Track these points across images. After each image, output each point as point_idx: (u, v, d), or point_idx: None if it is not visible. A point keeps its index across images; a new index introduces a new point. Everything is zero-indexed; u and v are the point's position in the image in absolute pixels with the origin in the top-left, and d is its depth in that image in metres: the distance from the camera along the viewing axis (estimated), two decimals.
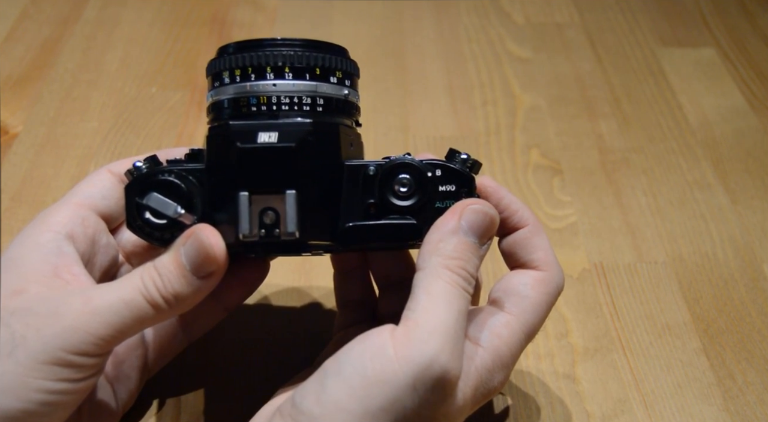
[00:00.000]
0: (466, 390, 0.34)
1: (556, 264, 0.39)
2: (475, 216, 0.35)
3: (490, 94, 0.69)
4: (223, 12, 0.77)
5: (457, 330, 0.33)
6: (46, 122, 0.63)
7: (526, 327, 0.37)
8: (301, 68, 0.37)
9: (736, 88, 0.70)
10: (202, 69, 0.39)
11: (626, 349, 0.48)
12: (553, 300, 0.38)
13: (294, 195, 0.35)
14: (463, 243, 0.35)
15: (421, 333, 0.32)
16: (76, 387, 0.34)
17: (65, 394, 0.34)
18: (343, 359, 0.32)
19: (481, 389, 0.35)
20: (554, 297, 0.38)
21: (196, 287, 0.35)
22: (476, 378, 0.34)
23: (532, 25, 0.78)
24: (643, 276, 0.53)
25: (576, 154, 0.63)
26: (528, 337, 0.37)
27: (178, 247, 0.35)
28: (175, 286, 0.34)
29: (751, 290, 0.52)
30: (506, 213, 0.39)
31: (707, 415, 0.45)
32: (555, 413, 0.45)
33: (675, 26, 0.78)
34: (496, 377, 0.35)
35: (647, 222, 0.57)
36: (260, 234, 0.35)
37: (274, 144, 0.35)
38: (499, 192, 0.39)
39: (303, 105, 0.37)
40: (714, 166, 0.62)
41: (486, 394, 0.35)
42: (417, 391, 0.32)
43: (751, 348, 0.49)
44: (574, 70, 0.72)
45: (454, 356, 0.33)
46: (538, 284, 0.38)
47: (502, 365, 0.36)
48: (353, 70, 0.39)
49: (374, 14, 0.78)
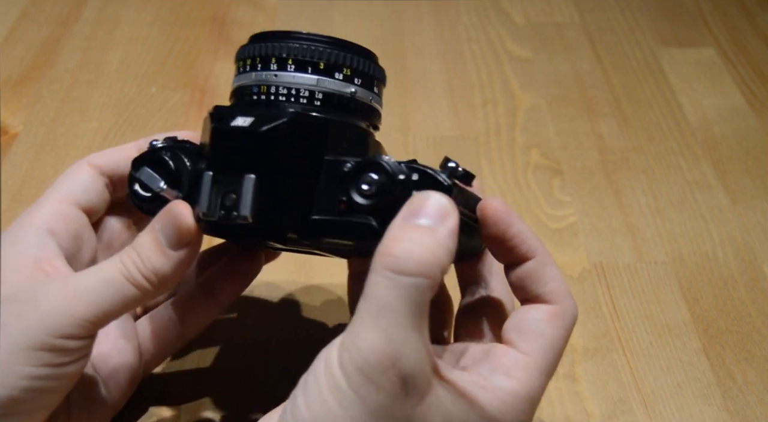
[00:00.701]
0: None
1: (568, 295, 0.36)
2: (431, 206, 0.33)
3: (490, 94, 0.69)
4: (223, 12, 0.77)
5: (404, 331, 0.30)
6: (46, 122, 0.63)
7: (545, 366, 0.35)
8: (303, 61, 0.37)
9: (736, 88, 0.70)
10: (202, 69, 0.39)
11: (626, 349, 0.48)
12: (569, 334, 0.36)
13: (253, 179, 0.34)
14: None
15: (357, 330, 0.30)
16: (62, 372, 0.34)
17: (51, 380, 0.34)
18: (308, 374, 0.32)
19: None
20: (570, 331, 0.36)
21: (173, 261, 0.35)
22: (474, 409, 0.32)
23: (532, 25, 0.78)
24: (643, 276, 0.53)
25: (576, 154, 0.63)
26: (548, 376, 0.35)
27: (154, 224, 0.35)
28: (153, 262, 0.34)
29: (751, 290, 0.52)
30: (514, 243, 0.37)
31: (707, 415, 0.45)
32: (555, 413, 0.45)
33: (675, 26, 0.78)
34: (506, 417, 0.33)
35: (647, 222, 0.57)
36: (219, 215, 0.35)
37: (244, 128, 0.35)
38: (508, 218, 0.37)
39: (300, 97, 0.37)
40: (714, 166, 0.62)
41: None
42: (365, 400, 0.30)
43: (751, 348, 0.49)
44: (574, 70, 0.72)
45: (408, 349, 0.30)
46: (553, 319, 0.35)
47: (514, 407, 0.33)
48: (370, 70, 0.38)
49: (374, 14, 0.78)
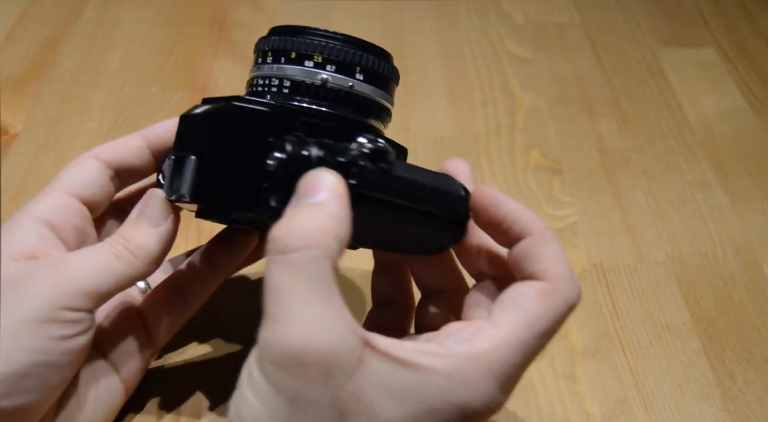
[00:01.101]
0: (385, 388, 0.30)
1: (566, 277, 0.34)
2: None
3: (490, 94, 0.69)
4: (223, 12, 0.77)
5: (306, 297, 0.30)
6: (46, 122, 0.63)
7: (517, 341, 0.32)
8: (278, 52, 0.37)
9: (736, 88, 0.70)
10: (202, 69, 0.39)
11: (626, 349, 0.48)
12: (558, 315, 0.33)
13: (193, 160, 0.35)
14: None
15: (265, 324, 0.30)
16: (65, 347, 0.34)
17: (54, 354, 0.34)
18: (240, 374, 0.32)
19: (437, 392, 0.31)
20: (561, 312, 0.34)
21: (155, 236, 0.37)
22: (423, 380, 0.31)
23: (532, 25, 0.78)
24: (643, 276, 0.53)
25: (576, 154, 0.63)
26: (523, 354, 0.33)
27: (133, 212, 0.38)
28: (137, 239, 0.36)
29: (751, 290, 0.52)
30: (506, 224, 0.35)
31: (707, 415, 0.45)
32: (555, 413, 0.45)
33: (675, 26, 0.78)
34: (467, 387, 0.31)
35: (647, 222, 0.57)
36: (172, 196, 0.36)
37: (194, 113, 0.36)
38: (496, 199, 0.35)
39: (272, 87, 0.37)
40: (714, 166, 0.62)
41: (456, 403, 0.31)
42: (282, 391, 0.29)
43: (751, 348, 0.49)
44: (574, 70, 0.72)
45: (317, 327, 0.29)
46: (540, 296, 0.33)
47: (476, 377, 0.31)
48: (343, 56, 0.37)
49: (374, 14, 0.78)
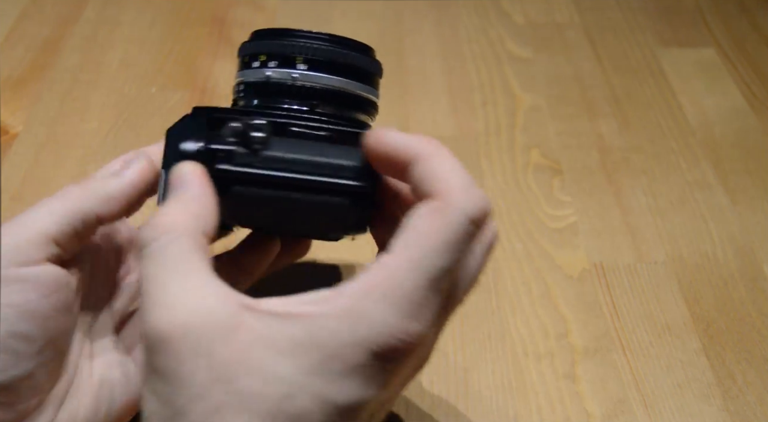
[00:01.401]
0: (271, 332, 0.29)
1: (460, 187, 0.31)
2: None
3: (490, 94, 0.69)
4: (223, 12, 0.77)
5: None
6: (46, 122, 0.63)
7: (412, 263, 0.29)
8: (241, 59, 0.39)
9: (736, 88, 0.70)
10: (202, 69, 0.39)
11: (626, 349, 0.48)
12: (456, 228, 0.30)
13: (164, 173, 0.35)
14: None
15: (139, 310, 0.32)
16: (30, 310, 0.33)
17: (19, 321, 0.33)
18: None
19: (329, 337, 0.28)
20: (457, 224, 0.30)
21: (123, 181, 0.36)
22: (314, 327, 0.29)
23: (532, 25, 0.78)
24: (643, 276, 0.53)
25: (576, 154, 0.63)
26: (426, 275, 0.29)
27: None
28: (105, 184, 0.36)
29: (751, 290, 0.52)
30: (398, 158, 0.33)
31: (707, 415, 0.45)
32: (555, 413, 0.45)
33: (675, 26, 0.78)
34: (362, 324, 0.29)
35: (647, 222, 0.57)
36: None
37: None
38: (382, 137, 0.34)
39: (239, 93, 0.38)
40: (714, 166, 0.62)
41: (355, 343, 0.28)
42: (155, 364, 0.29)
43: (751, 348, 0.49)
44: (574, 70, 0.72)
45: (180, 301, 0.29)
46: (431, 213, 0.31)
47: (371, 309, 0.29)
48: (282, 50, 0.37)
49: (374, 14, 0.78)
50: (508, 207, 0.58)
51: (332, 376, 0.28)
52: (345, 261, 0.52)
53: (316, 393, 0.28)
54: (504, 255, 0.54)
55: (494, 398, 0.45)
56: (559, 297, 0.51)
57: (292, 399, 0.28)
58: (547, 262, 0.54)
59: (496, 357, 0.48)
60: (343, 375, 0.28)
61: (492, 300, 0.51)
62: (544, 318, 0.50)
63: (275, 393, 0.28)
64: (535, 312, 0.50)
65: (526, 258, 0.54)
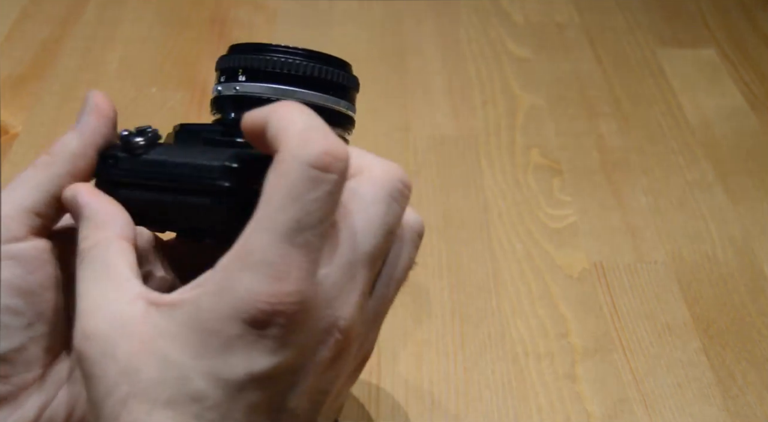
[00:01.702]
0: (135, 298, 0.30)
1: (296, 133, 0.29)
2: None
3: (490, 94, 0.69)
4: (223, 12, 0.77)
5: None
6: (46, 122, 0.63)
7: (263, 223, 0.28)
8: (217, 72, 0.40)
9: (736, 88, 0.70)
10: (202, 69, 0.40)
11: (626, 349, 0.48)
12: (291, 176, 0.28)
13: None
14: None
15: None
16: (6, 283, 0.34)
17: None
18: None
19: (202, 312, 0.28)
20: (292, 173, 0.28)
21: (78, 137, 0.37)
22: (190, 306, 0.29)
23: (532, 25, 0.78)
24: (643, 276, 0.53)
25: (576, 154, 0.63)
26: (279, 231, 0.28)
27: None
28: (64, 147, 0.37)
29: (751, 290, 0.52)
30: (255, 132, 0.31)
31: (707, 415, 0.45)
32: (555, 413, 0.45)
33: (675, 26, 0.78)
34: (225, 295, 0.28)
35: (647, 222, 0.57)
36: None
37: None
38: (244, 116, 0.32)
39: (213, 104, 0.40)
40: (714, 166, 0.62)
41: (223, 314, 0.28)
42: (84, 372, 0.30)
43: (751, 348, 0.49)
44: (574, 70, 0.72)
45: (83, 321, 0.30)
46: (272, 169, 0.29)
47: (228, 277, 0.28)
48: (226, 64, 0.39)
49: (374, 14, 0.78)
50: (508, 207, 0.58)
51: (215, 352, 0.28)
52: None
53: (206, 372, 0.28)
54: (504, 255, 0.54)
55: (494, 398, 0.45)
56: (559, 297, 0.51)
57: (187, 382, 0.28)
58: (547, 262, 0.54)
59: (496, 357, 0.48)
60: (223, 349, 0.28)
61: (492, 300, 0.51)
62: (544, 318, 0.50)
63: (172, 379, 0.28)
64: (535, 312, 0.50)
65: (526, 258, 0.54)
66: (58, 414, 0.36)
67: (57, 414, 0.36)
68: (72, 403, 0.36)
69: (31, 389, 0.35)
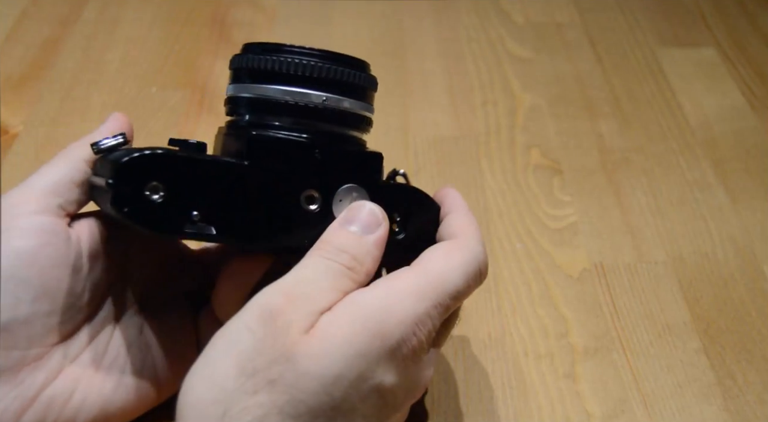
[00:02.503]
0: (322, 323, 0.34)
1: (469, 235, 0.39)
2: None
3: (490, 94, 0.69)
4: (223, 12, 0.77)
5: (304, 286, 0.34)
6: (46, 122, 0.63)
7: (414, 286, 0.35)
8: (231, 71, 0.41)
9: (736, 88, 0.70)
10: (202, 69, 0.40)
11: (626, 349, 0.48)
12: (468, 259, 0.37)
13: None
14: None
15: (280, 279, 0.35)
16: (30, 258, 0.36)
17: (20, 266, 0.35)
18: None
19: (374, 323, 0.34)
20: (470, 257, 0.37)
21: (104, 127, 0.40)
22: (363, 313, 0.34)
23: (532, 25, 0.78)
24: (643, 276, 0.53)
25: (576, 154, 0.63)
26: (439, 286, 0.36)
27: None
28: (89, 139, 0.39)
29: (751, 290, 0.52)
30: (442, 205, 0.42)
31: (707, 415, 0.45)
32: (555, 413, 0.45)
33: (675, 26, 0.78)
34: (396, 312, 0.34)
35: (647, 222, 0.57)
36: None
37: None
38: (443, 191, 0.42)
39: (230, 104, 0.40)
40: (714, 166, 0.62)
41: (392, 327, 0.34)
42: (252, 330, 0.33)
43: (751, 348, 0.49)
44: (574, 70, 0.72)
45: (284, 293, 0.33)
46: (450, 244, 0.38)
47: (399, 301, 0.35)
48: (235, 63, 0.39)
49: (374, 14, 0.78)
50: (508, 207, 0.58)
51: (374, 359, 0.33)
52: None
53: (360, 375, 0.33)
54: (504, 255, 0.54)
55: (494, 398, 0.45)
56: (559, 297, 0.51)
57: (339, 381, 0.32)
58: (547, 262, 0.54)
59: (496, 357, 0.48)
60: (382, 359, 0.33)
61: (492, 300, 0.51)
62: (544, 318, 0.50)
63: (328, 376, 0.32)
64: (535, 312, 0.50)
65: (526, 258, 0.54)
66: (58, 396, 0.37)
67: (57, 395, 0.37)
68: (72, 386, 0.37)
69: (32, 367, 0.36)
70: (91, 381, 0.38)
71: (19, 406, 0.35)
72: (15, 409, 0.35)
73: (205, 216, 0.36)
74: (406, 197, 0.40)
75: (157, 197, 0.35)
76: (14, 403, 0.35)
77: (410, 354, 0.34)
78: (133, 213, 0.35)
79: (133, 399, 0.39)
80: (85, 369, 0.38)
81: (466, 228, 0.39)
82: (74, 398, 0.37)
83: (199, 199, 0.35)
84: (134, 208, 0.35)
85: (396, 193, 0.40)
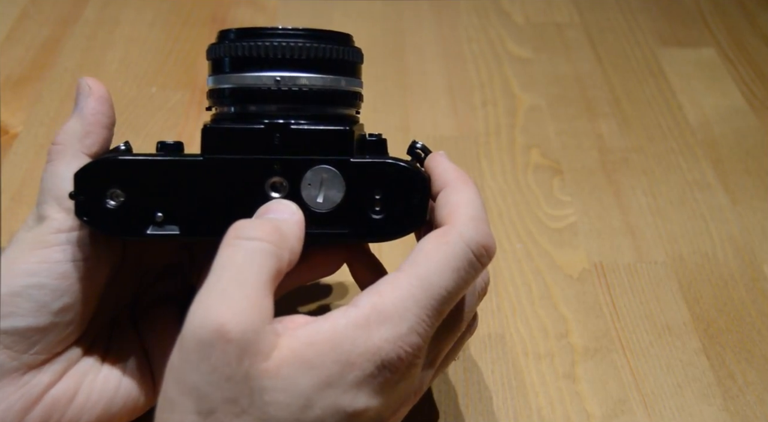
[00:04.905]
0: (305, 348, 0.31)
1: (465, 217, 0.35)
2: None
3: (490, 94, 0.69)
4: (223, 12, 0.77)
5: (242, 284, 0.31)
6: (46, 122, 0.63)
7: (417, 280, 0.32)
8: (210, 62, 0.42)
9: (736, 88, 0.70)
10: (202, 69, 0.40)
11: (626, 349, 0.48)
12: (456, 252, 0.33)
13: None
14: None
15: (199, 295, 0.31)
16: (58, 271, 0.36)
17: (47, 277, 0.36)
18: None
19: (348, 346, 0.31)
20: (458, 248, 0.33)
21: (78, 116, 0.38)
22: (335, 337, 0.31)
23: (532, 25, 0.78)
24: (643, 276, 0.53)
25: (576, 154, 0.63)
26: (425, 292, 0.32)
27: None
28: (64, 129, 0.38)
29: (751, 290, 0.52)
30: (435, 179, 0.37)
31: (707, 415, 0.45)
32: (555, 413, 0.45)
33: (675, 26, 0.78)
34: (375, 334, 0.31)
35: (647, 222, 0.57)
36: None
37: None
38: (433, 160, 0.38)
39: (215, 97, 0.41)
40: (714, 166, 0.62)
41: (368, 352, 0.31)
42: (201, 354, 0.30)
43: (751, 348, 0.49)
44: (574, 70, 0.72)
45: (232, 309, 0.30)
46: (437, 236, 0.34)
47: (381, 320, 0.32)
48: (214, 53, 0.39)
49: (374, 14, 0.78)
50: (508, 207, 0.58)
51: (346, 387, 0.31)
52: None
53: (331, 404, 0.31)
54: (504, 255, 0.54)
55: (494, 398, 0.45)
56: (559, 297, 0.51)
57: (309, 410, 0.30)
58: (547, 262, 0.54)
59: (496, 357, 0.48)
60: (355, 385, 0.31)
61: (492, 300, 0.51)
62: (544, 318, 0.50)
63: (295, 405, 0.30)
64: (535, 312, 0.50)
65: (526, 258, 0.54)
66: (62, 398, 0.37)
67: (61, 397, 0.37)
68: (76, 387, 0.37)
69: (37, 369, 0.36)
70: (93, 381, 0.38)
71: (23, 406, 0.36)
72: (19, 409, 0.35)
73: (169, 216, 0.36)
74: (385, 172, 0.36)
75: (117, 202, 0.35)
76: (18, 403, 0.35)
77: (395, 374, 0.32)
78: (94, 221, 0.36)
79: (135, 399, 0.39)
80: (88, 370, 0.38)
81: (455, 209, 0.35)
82: (78, 398, 0.37)
83: (161, 200, 0.36)
84: (94, 215, 0.36)
85: (373, 168, 0.36)
